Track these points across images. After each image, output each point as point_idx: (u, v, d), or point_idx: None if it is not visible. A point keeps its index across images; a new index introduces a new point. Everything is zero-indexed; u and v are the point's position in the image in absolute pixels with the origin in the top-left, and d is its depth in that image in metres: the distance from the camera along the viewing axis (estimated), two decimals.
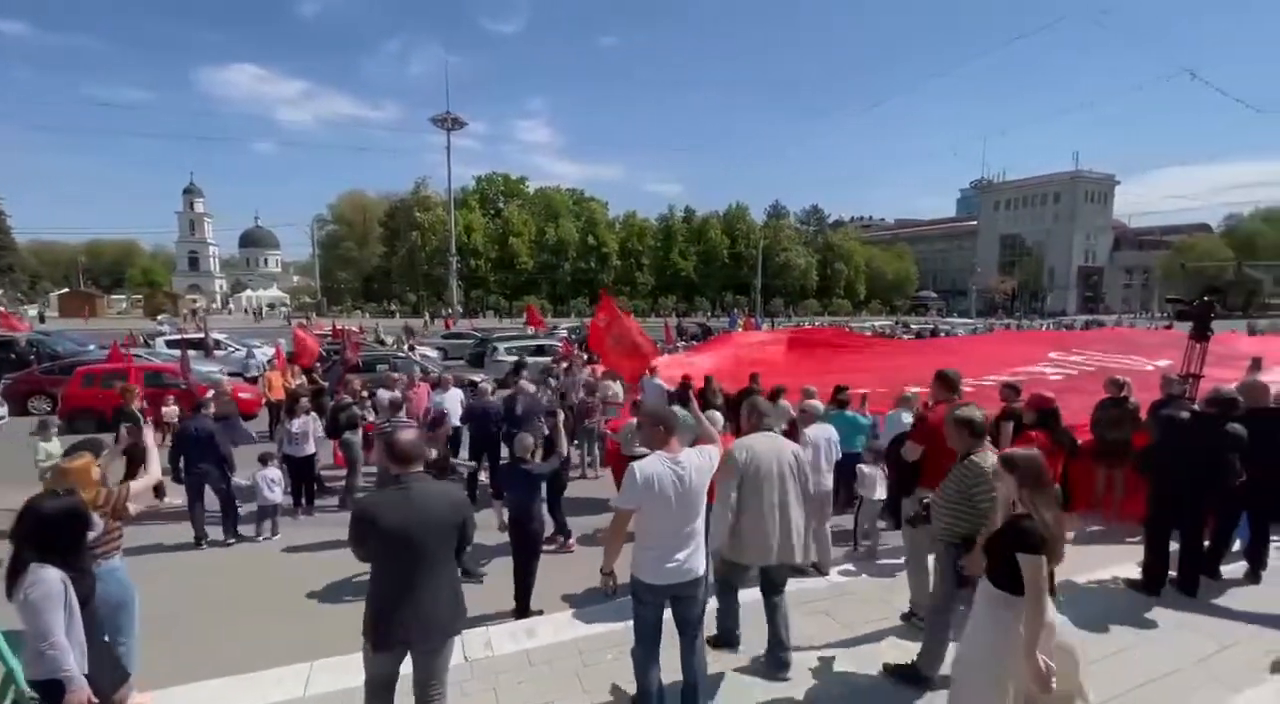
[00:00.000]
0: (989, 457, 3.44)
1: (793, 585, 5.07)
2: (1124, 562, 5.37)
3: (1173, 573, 4.96)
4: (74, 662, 2.67)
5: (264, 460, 7.13)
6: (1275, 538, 5.36)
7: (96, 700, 2.73)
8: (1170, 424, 5.09)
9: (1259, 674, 3.78)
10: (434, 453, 5.30)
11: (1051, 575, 2.75)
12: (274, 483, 7.00)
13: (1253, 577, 5.13)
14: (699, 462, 3.17)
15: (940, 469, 4.09)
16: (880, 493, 5.97)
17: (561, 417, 6.25)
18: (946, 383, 4.79)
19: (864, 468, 6.09)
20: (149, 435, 4.20)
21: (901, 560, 4.96)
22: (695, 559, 3.16)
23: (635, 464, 3.07)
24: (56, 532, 2.79)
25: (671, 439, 3.17)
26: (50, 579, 2.68)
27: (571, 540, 6.61)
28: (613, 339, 10.24)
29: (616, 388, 10.19)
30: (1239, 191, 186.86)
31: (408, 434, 3.08)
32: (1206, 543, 5.21)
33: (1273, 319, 45.76)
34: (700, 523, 3.21)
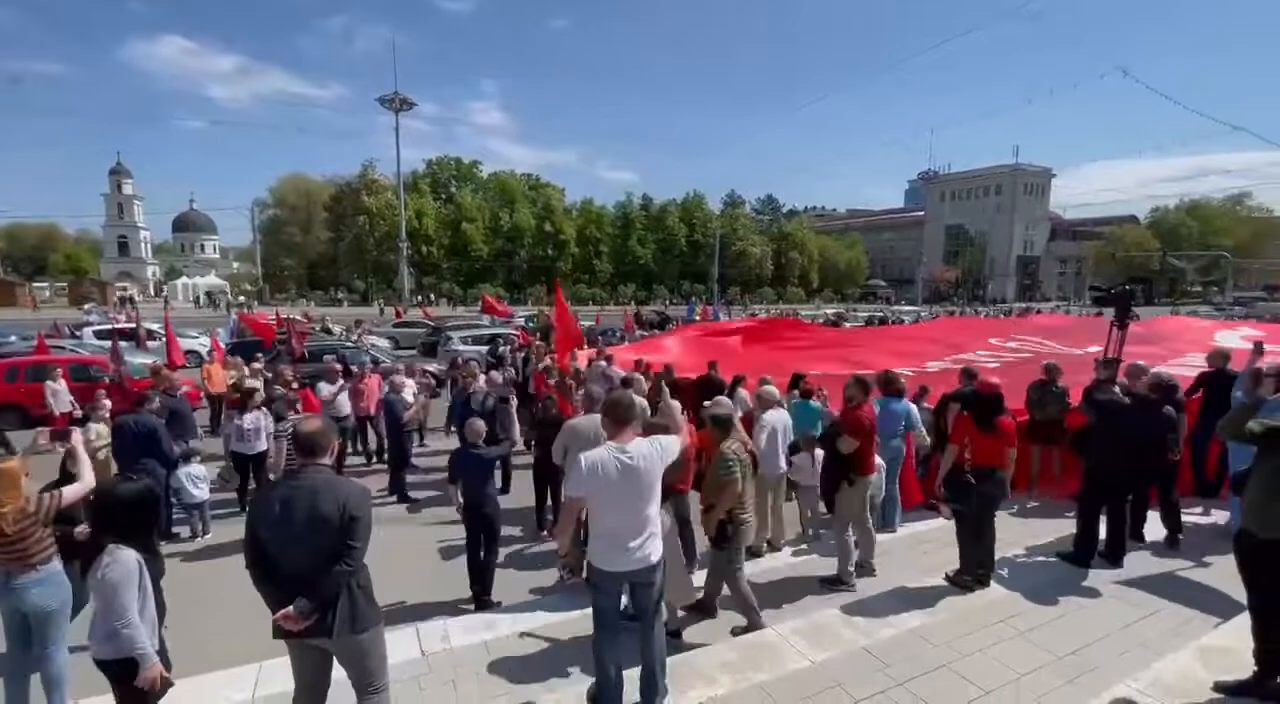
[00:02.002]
0: (733, 443, 4.33)
1: (754, 566, 5.21)
2: (1056, 535, 5.69)
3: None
4: (147, 639, 2.75)
5: (187, 458, 6.80)
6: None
7: (168, 675, 2.79)
8: (1111, 407, 5.33)
9: (1177, 640, 4.05)
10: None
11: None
12: (199, 480, 6.70)
13: (1172, 543, 5.51)
14: (648, 450, 3.19)
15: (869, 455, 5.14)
16: (813, 479, 6.04)
17: (514, 404, 6.19)
18: (863, 386, 5.44)
19: (794, 457, 6.13)
20: (77, 437, 3.95)
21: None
22: (650, 546, 3.19)
23: (581, 454, 3.14)
24: (134, 514, 2.94)
25: (623, 429, 3.19)
26: (127, 560, 2.78)
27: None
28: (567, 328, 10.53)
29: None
30: (1164, 185, 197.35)
31: (312, 424, 2.96)
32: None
33: (1193, 306, 48.80)
34: (654, 511, 3.23)
